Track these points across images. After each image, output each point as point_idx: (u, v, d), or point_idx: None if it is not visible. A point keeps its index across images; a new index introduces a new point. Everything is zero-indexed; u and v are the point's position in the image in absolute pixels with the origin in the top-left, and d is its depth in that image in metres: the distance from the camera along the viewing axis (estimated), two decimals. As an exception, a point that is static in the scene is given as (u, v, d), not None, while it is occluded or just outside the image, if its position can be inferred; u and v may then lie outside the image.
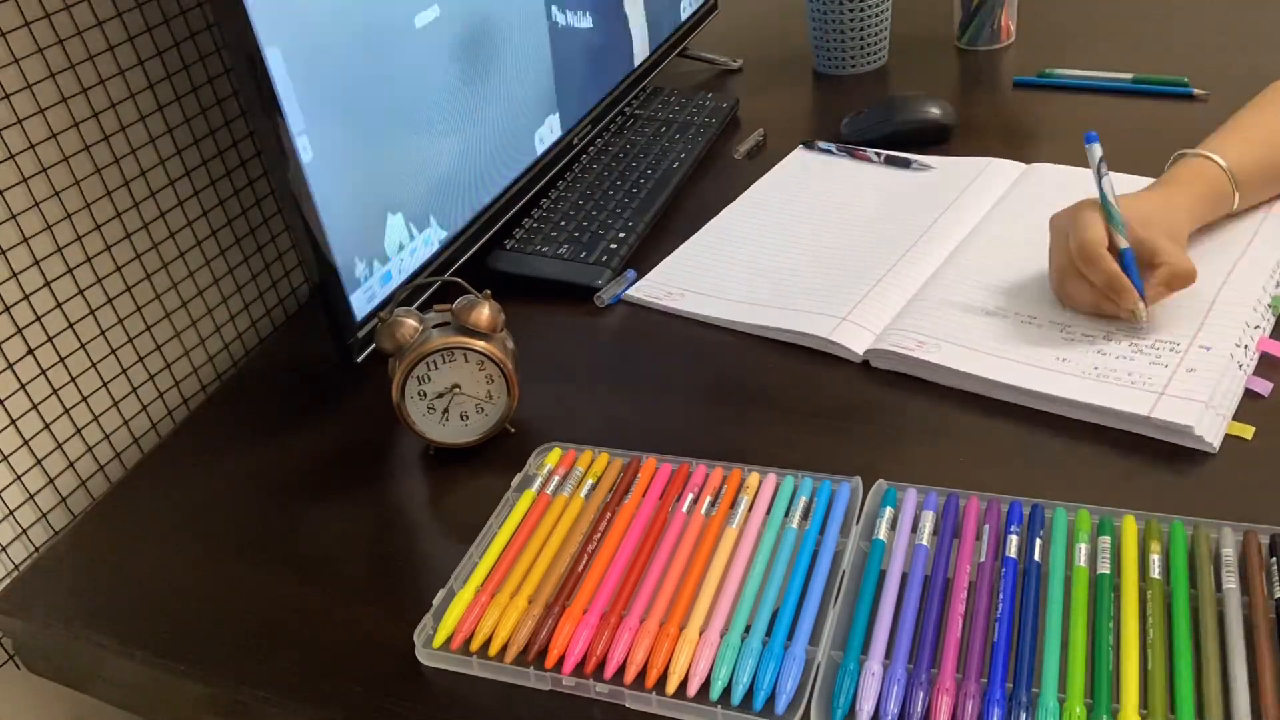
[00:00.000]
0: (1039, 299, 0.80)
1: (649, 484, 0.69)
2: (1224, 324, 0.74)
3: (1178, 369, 0.71)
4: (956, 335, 0.77)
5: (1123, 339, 0.75)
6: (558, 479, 0.70)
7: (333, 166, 0.75)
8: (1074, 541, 0.60)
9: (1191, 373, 0.70)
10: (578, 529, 0.66)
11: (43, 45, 0.75)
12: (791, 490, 0.67)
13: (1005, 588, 0.58)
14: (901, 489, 0.65)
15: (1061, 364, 0.73)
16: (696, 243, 0.96)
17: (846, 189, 1.01)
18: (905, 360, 0.77)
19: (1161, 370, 0.71)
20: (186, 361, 0.90)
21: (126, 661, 0.66)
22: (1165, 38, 1.19)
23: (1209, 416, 0.67)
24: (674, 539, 0.65)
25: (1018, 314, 0.79)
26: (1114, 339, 0.75)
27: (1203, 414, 0.67)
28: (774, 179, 1.04)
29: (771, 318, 0.84)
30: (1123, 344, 0.74)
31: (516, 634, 0.60)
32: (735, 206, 1.00)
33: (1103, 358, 0.73)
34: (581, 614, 0.60)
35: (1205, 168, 0.80)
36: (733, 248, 0.94)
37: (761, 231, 0.96)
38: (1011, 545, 0.60)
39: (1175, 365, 0.71)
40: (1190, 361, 0.71)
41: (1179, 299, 0.75)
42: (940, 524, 0.63)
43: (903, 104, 1.07)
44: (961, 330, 0.78)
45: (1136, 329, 0.75)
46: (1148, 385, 0.70)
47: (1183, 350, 0.72)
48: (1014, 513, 0.62)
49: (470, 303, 0.73)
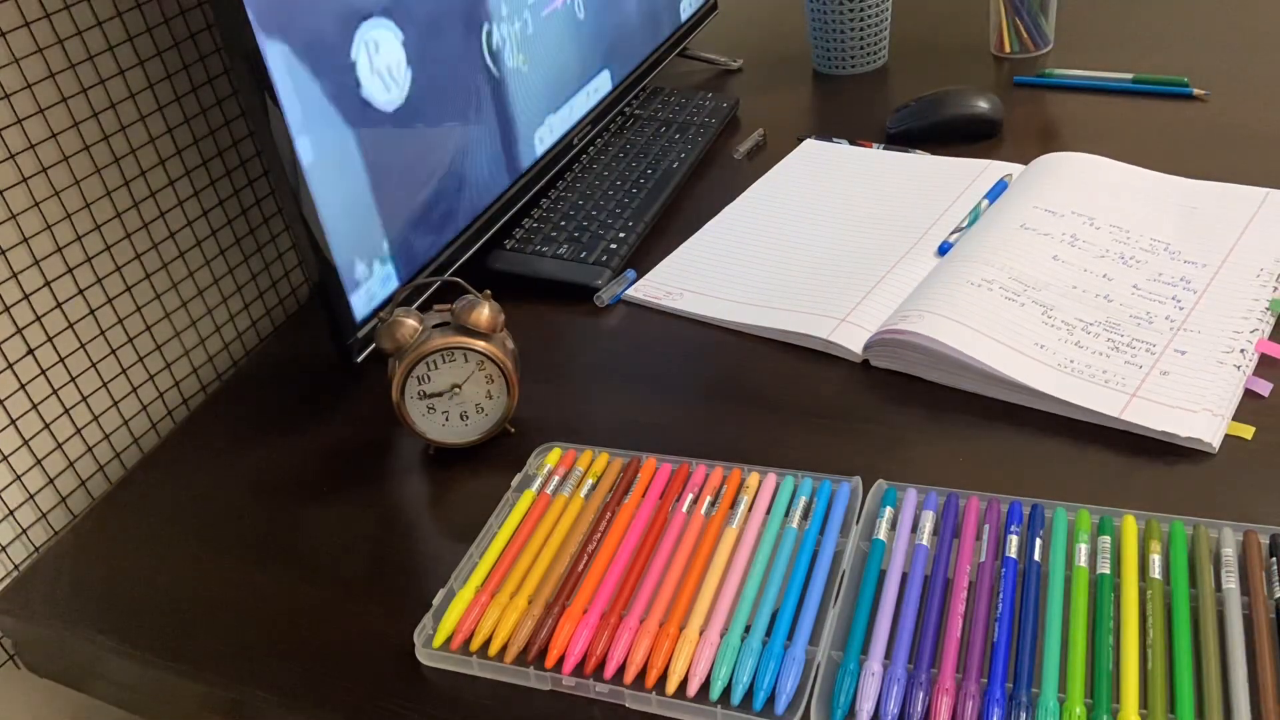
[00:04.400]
0: (1024, 275, 0.80)
1: (649, 484, 0.69)
2: (1206, 329, 0.74)
3: (1151, 371, 0.71)
4: (938, 305, 0.77)
5: (1101, 333, 0.75)
6: (557, 479, 0.70)
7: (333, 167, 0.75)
8: (1074, 541, 0.60)
9: (1165, 375, 0.71)
10: (578, 529, 0.66)
11: (43, 45, 0.75)
12: (791, 490, 0.67)
13: (1005, 588, 0.58)
14: (901, 489, 0.65)
15: (1040, 351, 0.74)
16: (697, 242, 0.96)
17: (848, 187, 1.00)
18: (897, 349, 0.76)
19: (1135, 371, 0.72)
20: (186, 361, 0.90)
21: (126, 661, 0.66)
22: (1166, 37, 1.19)
23: (1191, 420, 0.67)
24: (674, 539, 0.65)
25: (1002, 289, 0.79)
26: (1093, 331, 0.75)
27: (1181, 419, 0.67)
28: (775, 177, 1.04)
29: (771, 319, 0.84)
30: (1100, 338, 0.75)
31: (516, 634, 0.60)
32: (736, 205, 1.00)
33: (1079, 351, 0.74)
34: (581, 614, 0.60)
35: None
36: (733, 247, 0.94)
37: (762, 231, 0.96)
38: (1012, 545, 0.60)
39: (1150, 367, 0.72)
40: (1165, 364, 0.72)
41: (1158, 293, 0.77)
42: (940, 524, 0.63)
43: (949, 98, 1.05)
44: (944, 301, 0.78)
45: (1115, 325, 0.75)
46: (1120, 385, 0.71)
47: (1158, 352, 0.73)
48: (1014, 513, 0.62)
49: (470, 303, 0.73)
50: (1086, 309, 0.78)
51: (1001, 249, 0.83)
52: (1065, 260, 0.82)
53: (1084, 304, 0.78)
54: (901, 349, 0.76)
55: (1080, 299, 0.79)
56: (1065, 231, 0.85)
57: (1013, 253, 0.83)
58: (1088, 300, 0.79)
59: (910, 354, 0.76)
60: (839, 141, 1.07)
